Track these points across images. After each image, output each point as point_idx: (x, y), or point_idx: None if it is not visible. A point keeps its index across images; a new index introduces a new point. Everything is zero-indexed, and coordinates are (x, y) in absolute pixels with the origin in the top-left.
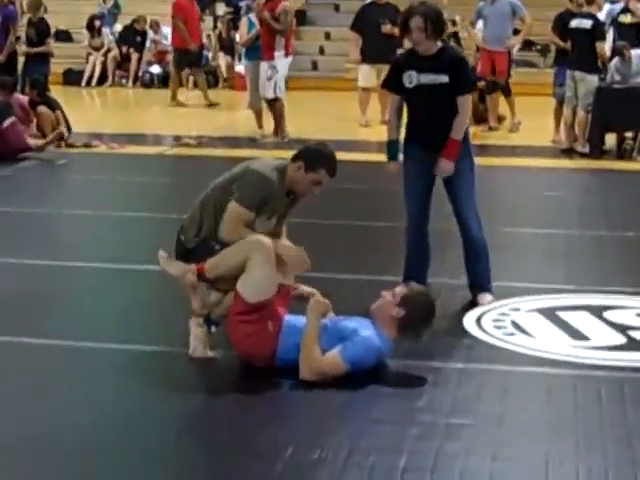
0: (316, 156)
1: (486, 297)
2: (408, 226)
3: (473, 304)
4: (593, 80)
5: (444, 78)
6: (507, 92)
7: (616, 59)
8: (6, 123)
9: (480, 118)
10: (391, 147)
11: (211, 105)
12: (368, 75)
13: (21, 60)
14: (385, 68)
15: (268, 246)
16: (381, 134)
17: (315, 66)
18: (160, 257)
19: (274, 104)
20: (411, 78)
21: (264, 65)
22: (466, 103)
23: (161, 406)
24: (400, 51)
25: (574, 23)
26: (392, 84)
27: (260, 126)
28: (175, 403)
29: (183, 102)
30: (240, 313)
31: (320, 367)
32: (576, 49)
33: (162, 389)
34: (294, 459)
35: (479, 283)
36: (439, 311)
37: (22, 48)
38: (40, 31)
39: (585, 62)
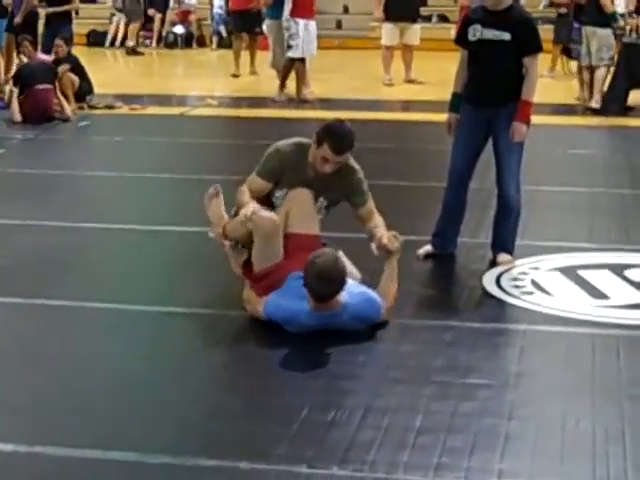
0: (324, 131)
1: (506, 257)
2: (449, 185)
3: (493, 264)
4: (605, 34)
5: (506, 36)
6: None
7: None
8: (41, 87)
9: None
10: (453, 100)
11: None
12: (392, 33)
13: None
14: (408, 26)
15: (266, 222)
16: (405, 93)
17: (339, 25)
18: (208, 192)
19: (296, 64)
20: (475, 31)
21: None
22: (533, 64)
23: (172, 370)
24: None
25: None
26: (460, 37)
27: (282, 86)
28: (187, 366)
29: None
30: (252, 279)
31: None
32: (586, 4)
33: (172, 352)
34: (309, 420)
35: (503, 244)
36: (458, 270)
37: (47, 10)
38: None
39: (593, 16)
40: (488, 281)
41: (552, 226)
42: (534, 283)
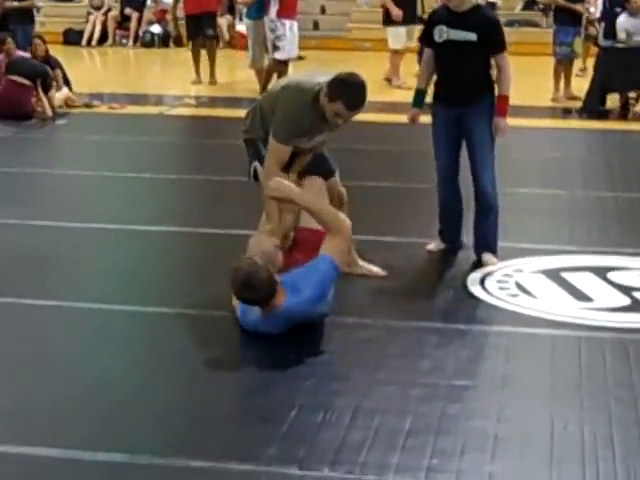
0: (337, 85)
1: (491, 258)
2: (439, 182)
3: (477, 265)
4: None
5: (472, 36)
6: None
7: (623, 15)
8: (16, 79)
9: None
10: (416, 95)
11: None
12: (401, 37)
13: None
14: (414, 28)
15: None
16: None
17: (316, 26)
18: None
19: (279, 65)
20: (441, 32)
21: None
22: (503, 61)
23: (161, 370)
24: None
25: None
26: (425, 37)
27: (262, 86)
28: (175, 366)
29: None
30: None
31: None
32: None
33: (161, 352)
34: (298, 421)
35: (485, 243)
36: (443, 271)
37: (7, 4)
38: None
39: None
40: (472, 283)
41: (533, 228)
42: (518, 285)
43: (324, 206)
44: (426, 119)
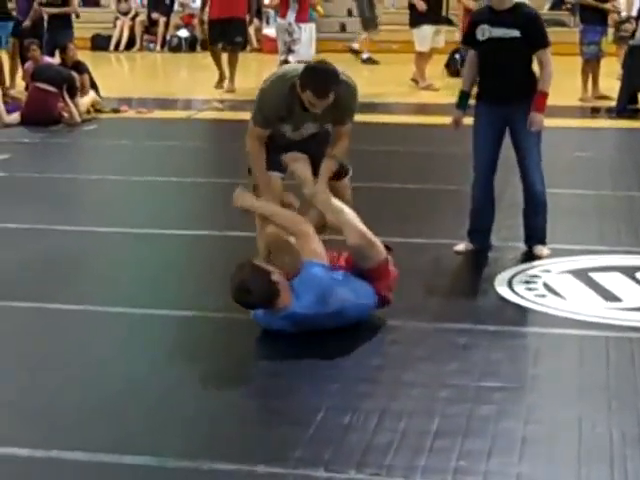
0: (306, 75)
1: (542, 249)
2: (475, 180)
3: (529, 257)
4: None
5: (515, 33)
6: None
7: None
8: (41, 86)
9: None
10: (460, 97)
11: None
12: (429, 38)
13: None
14: (440, 29)
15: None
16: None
17: (343, 28)
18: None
19: None
20: (484, 31)
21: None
22: (546, 56)
23: (188, 373)
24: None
25: None
26: (468, 38)
27: None
28: (203, 370)
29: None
30: None
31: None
32: None
33: (189, 355)
34: (325, 423)
35: (536, 236)
36: (471, 272)
37: (47, 9)
38: None
39: None
40: (500, 284)
41: (562, 228)
42: (546, 286)
43: (281, 212)
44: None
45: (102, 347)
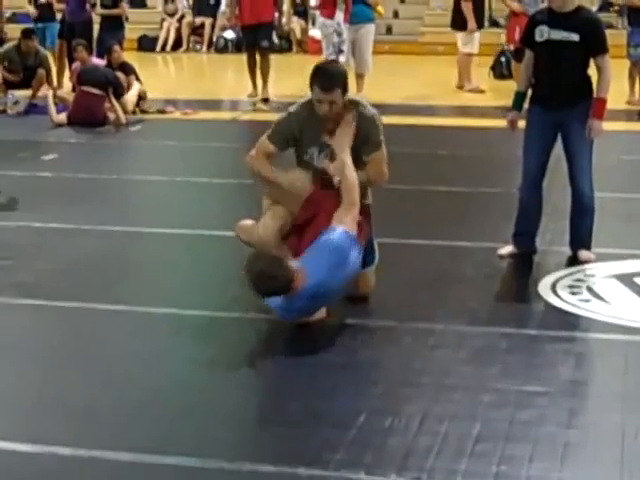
0: (312, 74)
1: (588, 254)
2: (523, 183)
3: (573, 261)
4: None
5: (575, 36)
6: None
7: None
8: (86, 89)
9: None
10: (516, 98)
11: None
12: (477, 41)
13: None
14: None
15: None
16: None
17: (389, 30)
18: None
19: None
20: (542, 32)
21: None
22: (605, 62)
23: (231, 374)
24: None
25: None
26: (526, 38)
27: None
28: (245, 370)
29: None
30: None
31: None
32: None
33: (231, 356)
34: (366, 426)
35: (581, 241)
36: (514, 276)
37: (97, 10)
38: None
39: None
40: (544, 288)
41: (606, 233)
42: (590, 290)
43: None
44: (501, 123)
45: (145, 347)
